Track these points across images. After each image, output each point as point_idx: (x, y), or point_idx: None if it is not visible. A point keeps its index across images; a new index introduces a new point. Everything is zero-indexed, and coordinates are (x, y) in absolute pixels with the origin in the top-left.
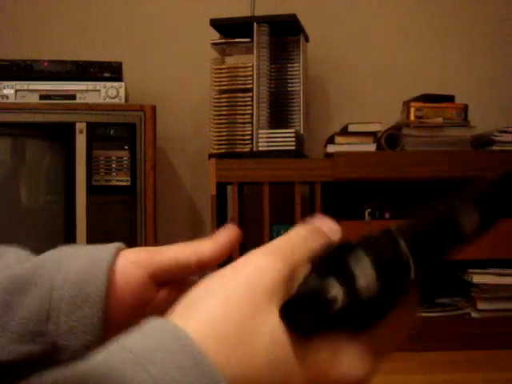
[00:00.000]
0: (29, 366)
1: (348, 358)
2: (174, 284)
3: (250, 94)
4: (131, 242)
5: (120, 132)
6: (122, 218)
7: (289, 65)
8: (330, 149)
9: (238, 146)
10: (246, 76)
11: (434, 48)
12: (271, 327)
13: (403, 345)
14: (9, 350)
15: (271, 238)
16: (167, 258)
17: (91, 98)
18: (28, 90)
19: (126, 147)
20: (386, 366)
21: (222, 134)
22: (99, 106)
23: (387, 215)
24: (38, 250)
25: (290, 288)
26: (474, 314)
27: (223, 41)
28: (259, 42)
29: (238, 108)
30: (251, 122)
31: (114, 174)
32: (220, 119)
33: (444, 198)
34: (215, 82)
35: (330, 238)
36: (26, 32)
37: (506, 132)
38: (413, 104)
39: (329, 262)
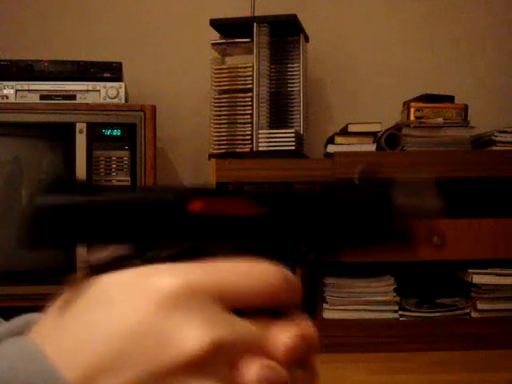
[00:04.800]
0: None
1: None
2: None
3: (250, 94)
4: None
5: (120, 132)
6: None
7: (289, 65)
8: (330, 149)
9: (238, 146)
10: (246, 76)
11: (434, 48)
12: None
13: (403, 345)
14: None
15: None
16: None
17: (91, 98)
18: (28, 90)
19: (126, 147)
20: (386, 365)
21: (222, 134)
22: (99, 106)
23: None
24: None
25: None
26: (474, 314)
27: (223, 41)
28: (259, 42)
29: (238, 108)
30: (251, 122)
31: (114, 174)
32: (220, 119)
33: None
34: (215, 82)
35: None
36: (26, 32)
37: (506, 132)
38: (413, 104)
39: None
